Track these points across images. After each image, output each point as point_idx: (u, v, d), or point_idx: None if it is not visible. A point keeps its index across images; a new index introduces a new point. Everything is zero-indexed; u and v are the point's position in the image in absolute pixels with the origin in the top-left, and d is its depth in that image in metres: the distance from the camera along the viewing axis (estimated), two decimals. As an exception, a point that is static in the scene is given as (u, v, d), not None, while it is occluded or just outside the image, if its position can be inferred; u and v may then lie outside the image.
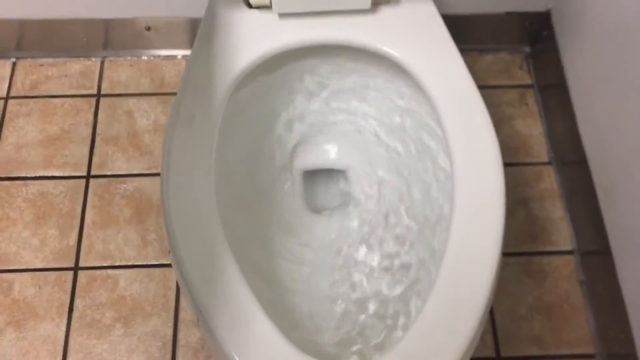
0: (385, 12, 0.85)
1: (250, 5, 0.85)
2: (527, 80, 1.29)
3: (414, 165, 0.87)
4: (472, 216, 0.73)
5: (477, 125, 0.77)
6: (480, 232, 0.73)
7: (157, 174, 1.18)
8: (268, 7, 0.84)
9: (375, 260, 0.87)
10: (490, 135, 0.77)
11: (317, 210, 0.96)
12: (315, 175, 0.98)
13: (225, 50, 0.83)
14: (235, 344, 0.66)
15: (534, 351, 1.05)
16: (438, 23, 0.84)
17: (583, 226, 1.12)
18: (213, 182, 0.74)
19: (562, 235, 1.14)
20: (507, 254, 1.12)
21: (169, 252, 0.74)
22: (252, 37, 0.83)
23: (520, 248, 1.13)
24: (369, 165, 0.93)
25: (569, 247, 1.13)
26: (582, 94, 1.11)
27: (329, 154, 0.95)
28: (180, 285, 0.81)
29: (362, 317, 0.82)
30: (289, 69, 0.88)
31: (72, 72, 1.29)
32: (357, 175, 0.93)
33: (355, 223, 0.91)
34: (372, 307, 0.82)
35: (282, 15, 0.84)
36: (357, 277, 0.86)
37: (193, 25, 1.24)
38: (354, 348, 0.79)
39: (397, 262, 0.85)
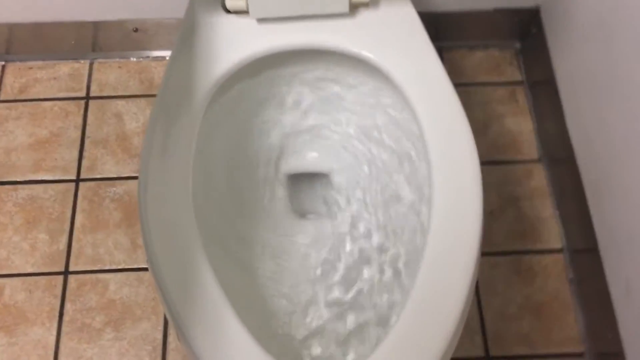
0: (363, 15, 0.84)
1: (228, 10, 0.85)
2: (518, 76, 1.28)
3: (394, 169, 0.87)
4: (449, 220, 0.73)
5: (454, 129, 0.77)
6: (458, 236, 0.73)
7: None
8: (245, 12, 0.83)
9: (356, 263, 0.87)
10: (468, 138, 0.76)
11: (302, 214, 0.96)
12: (300, 180, 0.98)
13: (204, 56, 0.82)
14: (211, 355, 0.66)
15: (524, 350, 1.05)
16: (417, 25, 0.84)
17: (572, 224, 1.11)
18: (190, 191, 0.74)
19: (552, 234, 1.14)
20: (496, 253, 1.12)
21: (146, 260, 0.74)
22: (230, 43, 0.83)
23: (510, 247, 1.13)
24: (352, 169, 0.92)
25: (558, 246, 1.13)
26: (570, 91, 1.10)
27: (312, 158, 0.95)
28: (159, 299, 0.81)
29: (344, 324, 0.83)
30: (268, 74, 0.87)
31: (61, 75, 1.29)
32: (341, 180, 0.93)
33: (339, 227, 0.91)
34: (352, 317, 0.82)
35: (260, 20, 0.84)
36: (337, 278, 0.86)
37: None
38: (334, 352, 0.79)
39: (376, 265, 0.85)
